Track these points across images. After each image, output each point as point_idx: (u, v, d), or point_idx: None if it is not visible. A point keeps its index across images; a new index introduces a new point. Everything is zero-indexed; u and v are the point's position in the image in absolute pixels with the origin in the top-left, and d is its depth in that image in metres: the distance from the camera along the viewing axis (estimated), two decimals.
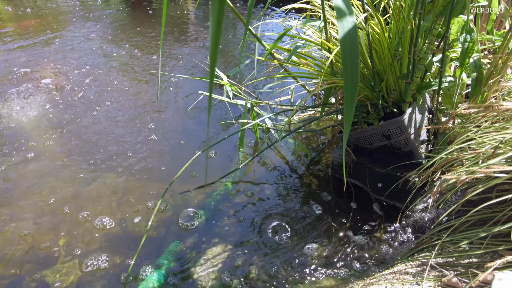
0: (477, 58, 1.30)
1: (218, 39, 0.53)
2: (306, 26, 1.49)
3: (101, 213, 1.63)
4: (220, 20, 0.51)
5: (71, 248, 1.47)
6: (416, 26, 1.27)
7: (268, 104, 2.36)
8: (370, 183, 1.61)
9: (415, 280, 1.07)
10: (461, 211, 1.40)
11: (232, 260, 1.43)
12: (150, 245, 1.49)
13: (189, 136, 2.21)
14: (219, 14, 0.51)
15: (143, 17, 4.64)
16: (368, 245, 1.49)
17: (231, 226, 1.59)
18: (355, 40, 0.86)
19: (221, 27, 0.52)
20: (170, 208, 1.68)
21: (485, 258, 1.09)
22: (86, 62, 3.19)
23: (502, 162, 1.09)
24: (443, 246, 1.26)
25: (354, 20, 0.88)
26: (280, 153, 2.10)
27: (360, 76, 1.49)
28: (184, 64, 3.21)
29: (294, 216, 1.64)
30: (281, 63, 1.55)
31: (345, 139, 0.88)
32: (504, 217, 1.08)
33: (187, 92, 2.73)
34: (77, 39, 3.73)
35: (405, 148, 1.49)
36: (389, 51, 1.40)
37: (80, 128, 2.26)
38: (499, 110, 0.94)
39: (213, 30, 0.50)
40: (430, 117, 1.57)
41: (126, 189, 1.78)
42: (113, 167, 1.93)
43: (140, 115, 2.42)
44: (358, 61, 0.85)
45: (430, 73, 1.51)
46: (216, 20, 0.51)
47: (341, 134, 1.60)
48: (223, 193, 1.80)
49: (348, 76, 0.86)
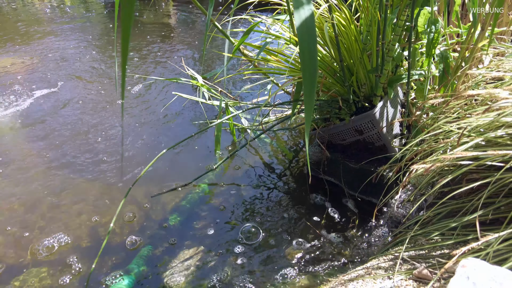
0: (444, 50, 1.30)
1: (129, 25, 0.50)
2: (274, 21, 1.47)
3: (69, 220, 1.57)
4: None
5: (36, 259, 1.41)
6: (382, 19, 1.26)
7: (240, 104, 2.33)
8: (344, 180, 1.60)
9: (387, 274, 1.05)
10: (435, 203, 1.39)
11: (205, 263, 1.39)
12: (121, 251, 1.44)
13: (166, 138, 2.16)
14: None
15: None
16: (344, 242, 1.46)
17: (205, 228, 1.55)
18: (313, 29, 0.84)
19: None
20: (145, 212, 1.64)
21: (456, 248, 1.08)
22: (63, 66, 3.12)
23: (471, 150, 1.09)
24: (416, 239, 1.25)
25: (312, 8, 0.86)
26: (258, 153, 2.07)
27: (331, 71, 1.48)
28: (161, 66, 3.17)
29: (270, 216, 1.61)
30: (251, 59, 1.53)
31: (307, 134, 0.86)
32: (472, 207, 1.07)
33: (161, 94, 2.69)
34: (57, 43, 3.65)
35: (378, 142, 1.47)
36: (357, 44, 1.39)
37: (49, 131, 2.20)
38: (461, 97, 0.93)
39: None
40: (402, 111, 1.57)
41: (98, 194, 1.73)
42: (84, 172, 1.87)
43: (108, 118, 2.37)
44: (316, 51, 0.83)
45: (400, 65, 1.50)
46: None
47: (315, 131, 1.58)
48: (199, 195, 1.76)
49: (306, 68, 0.83)
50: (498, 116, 0.93)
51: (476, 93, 0.92)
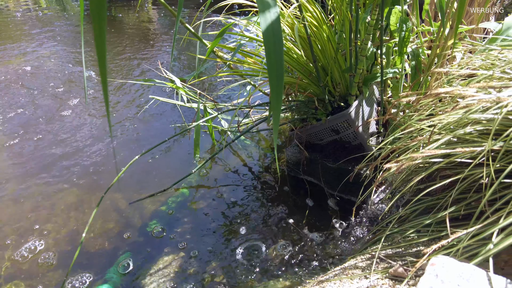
0: (415, 47, 1.31)
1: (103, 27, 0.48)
2: (249, 23, 1.47)
3: (44, 228, 1.54)
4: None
5: (12, 272, 1.37)
6: (354, 18, 1.27)
7: (217, 106, 2.32)
8: (324, 179, 1.60)
9: (363, 274, 1.05)
10: (412, 200, 1.40)
11: (185, 269, 1.38)
12: (98, 259, 1.41)
13: (145, 143, 2.13)
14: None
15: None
16: (325, 242, 1.46)
17: (185, 234, 1.54)
18: (279, 32, 0.83)
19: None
20: (124, 219, 1.61)
21: (431, 245, 1.09)
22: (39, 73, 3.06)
23: (443, 147, 1.10)
24: (394, 237, 1.26)
25: (278, 11, 0.86)
26: (239, 155, 2.06)
27: (306, 72, 1.48)
28: (141, 69, 3.13)
29: (251, 217, 1.60)
30: (225, 61, 1.52)
31: (275, 138, 0.85)
32: (446, 203, 1.08)
33: (139, 98, 2.65)
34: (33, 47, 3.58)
35: (354, 141, 1.48)
36: (331, 44, 1.39)
37: (24, 141, 2.15)
38: (431, 95, 0.94)
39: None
40: (378, 109, 1.58)
41: (77, 202, 1.69)
42: (62, 180, 1.83)
43: (88, 123, 2.33)
44: (282, 55, 0.82)
45: (376, 64, 1.51)
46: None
47: (293, 131, 1.58)
48: (179, 200, 1.74)
49: (273, 71, 0.82)
50: (466, 113, 0.94)
51: (444, 91, 0.93)
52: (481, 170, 0.95)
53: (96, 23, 0.39)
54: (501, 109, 0.84)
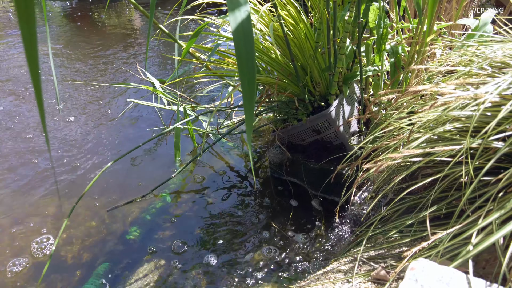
0: (394, 44, 1.30)
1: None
2: (225, 22, 1.43)
3: (16, 238, 1.47)
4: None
5: None
6: (331, 16, 1.24)
7: (197, 108, 2.27)
8: (307, 180, 1.57)
9: (346, 277, 1.03)
10: (394, 199, 1.38)
11: (167, 277, 1.33)
12: (76, 269, 1.36)
13: (122, 147, 2.08)
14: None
15: (88, 31, 4.42)
16: (309, 244, 1.44)
17: (167, 240, 1.49)
18: (250, 32, 0.80)
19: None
20: (103, 226, 1.56)
21: (413, 245, 1.07)
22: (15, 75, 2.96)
23: (423, 146, 1.08)
24: (376, 237, 1.24)
25: (248, 10, 0.82)
26: (221, 158, 2.02)
27: (286, 72, 1.45)
28: (121, 72, 3.06)
29: (235, 221, 1.57)
30: (202, 61, 1.48)
31: (249, 141, 0.82)
32: (428, 202, 1.06)
33: (119, 101, 2.59)
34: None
35: (336, 141, 1.46)
36: (309, 43, 1.36)
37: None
38: (409, 93, 0.92)
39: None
40: (359, 108, 1.56)
41: (54, 210, 1.63)
42: (36, 187, 1.77)
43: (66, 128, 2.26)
44: (253, 55, 0.79)
45: (356, 62, 1.49)
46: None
47: (274, 132, 1.55)
48: (160, 206, 1.69)
49: (244, 72, 0.79)
50: (444, 111, 0.92)
51: (421, 88, 0.91)
52: (460, 168, 0.93)
53: (25, 29, 0.35)
54: (478, 106, 0.83)
